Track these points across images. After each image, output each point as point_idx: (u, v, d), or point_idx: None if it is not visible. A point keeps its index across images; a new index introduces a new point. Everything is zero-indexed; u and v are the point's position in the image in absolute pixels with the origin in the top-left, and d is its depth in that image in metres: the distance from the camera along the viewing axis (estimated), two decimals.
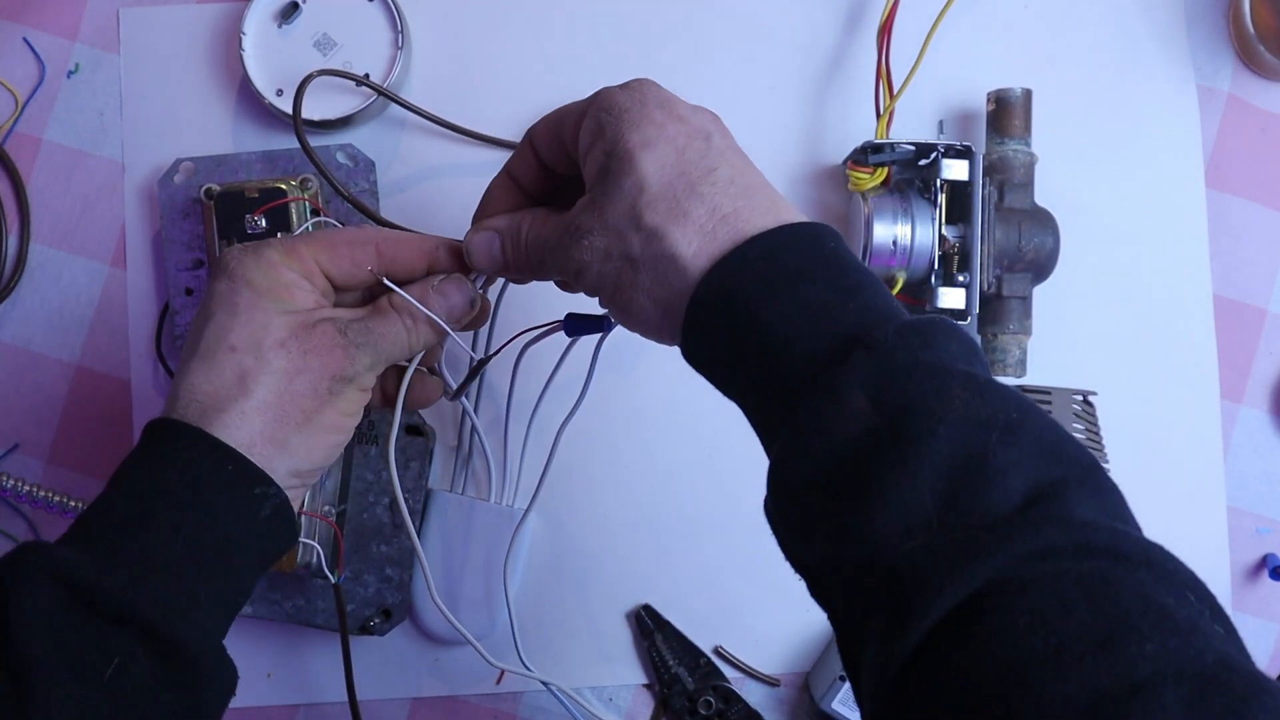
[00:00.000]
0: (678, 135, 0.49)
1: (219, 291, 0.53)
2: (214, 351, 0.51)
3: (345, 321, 0.53)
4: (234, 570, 0.51)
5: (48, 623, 0.45)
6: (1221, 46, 0.77)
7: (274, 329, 0.52)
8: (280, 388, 0.51)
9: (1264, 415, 0.76)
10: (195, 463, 0.50)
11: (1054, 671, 0.36)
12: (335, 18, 0.73)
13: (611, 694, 0.75)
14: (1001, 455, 0.40)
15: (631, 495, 0.75)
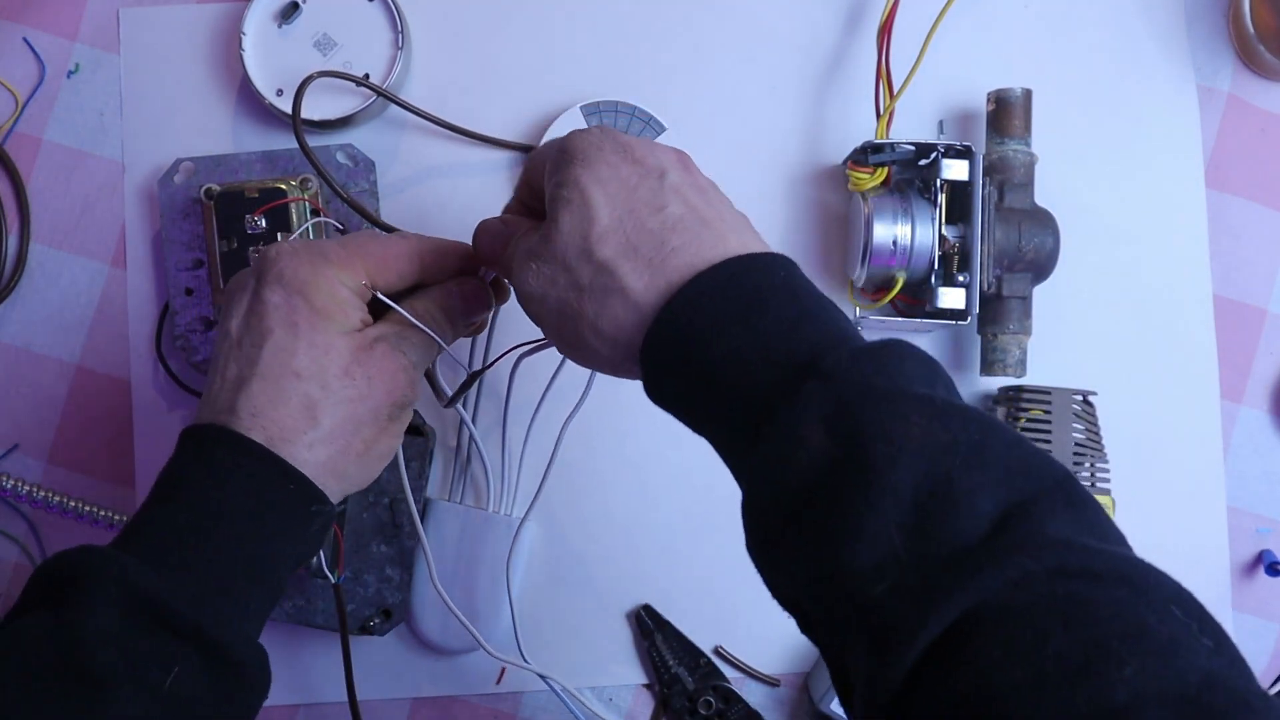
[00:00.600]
0: (630, 175, 0.49)
1: (274, 305, 0.52)
2: (278, 376, 0.51)
3: (395, 339, 0.54)
4: (278, 578, 0.52)
5: (118, 633, 0.46)
6: (1221, 46, 0.77)
7: (337, 355, 0.52)
8: (345, 417, 0.52)
9: (1264, 415, 0.76)
10: (260, 482, 0.51)
11: (1034, 702, 0.35)
12: (335, 18, 0.73)
13: (611, 694, 0.75)
14: (966, 479, 0.39)
15: (631, 495, 0.75)
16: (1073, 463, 0.70)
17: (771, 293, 0.46)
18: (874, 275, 0.70)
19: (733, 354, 0.45)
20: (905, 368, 0.43)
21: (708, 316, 0.45)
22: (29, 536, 0.74)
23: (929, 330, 0.74)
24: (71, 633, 0.46)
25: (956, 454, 0.40)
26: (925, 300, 0.70)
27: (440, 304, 0.56)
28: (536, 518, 0.74)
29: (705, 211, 0.49)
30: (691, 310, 0.46)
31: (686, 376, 0.46)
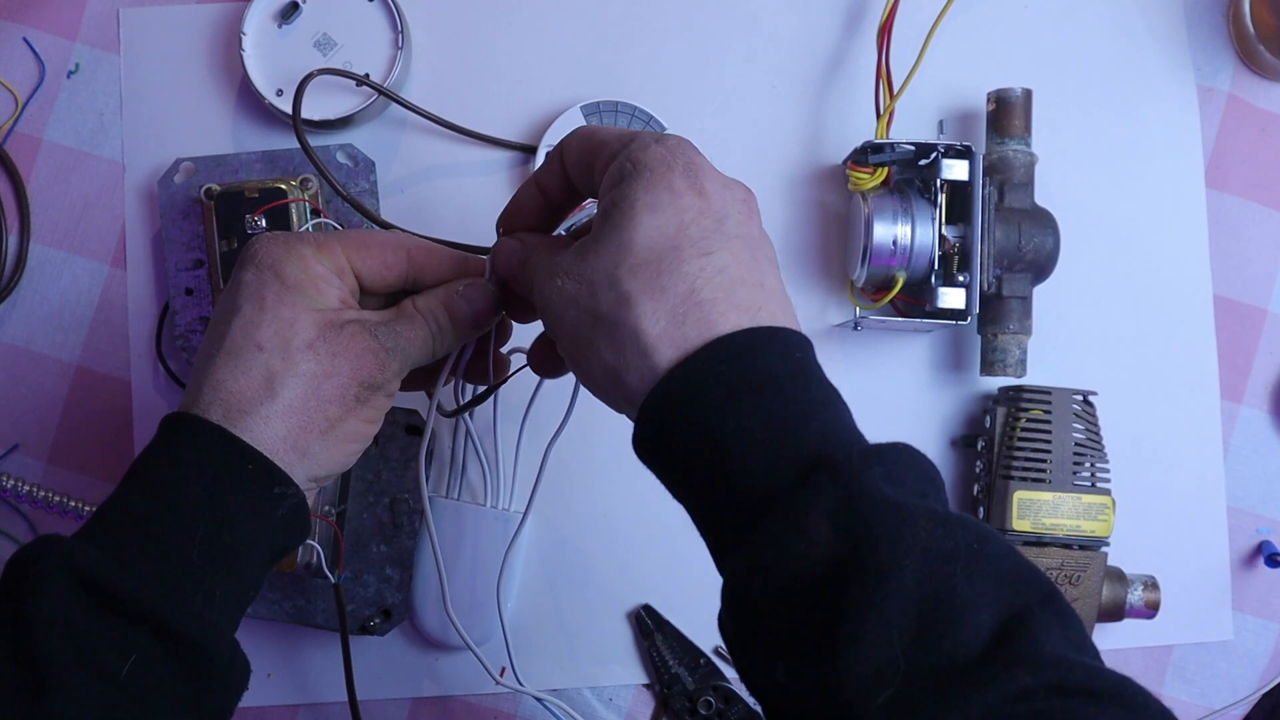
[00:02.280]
0: (689, 208, 0.46)
1: (246, 282, 0.52)
2: (241, 349, 0.50)
3: (374, 324, 0.52)
4: (248, 567, 0.50)
5: (66, 619, 0.45)
6: (1221, 46, 0.77)
7: (302, 328, 0.51)
8: (307, 392, 0.50)
9: (1264, 415, 0.76)
10: (216, 462, 0.49)
11: None
12: (335, 18, 0.73)
13: (611, 694, 0.75)
14: (966, 589, 0.39)
15: (631, 495, 0.75)
16: (1073, 462, 0.70)
17: (788, 377, 0.44)
18: (874, 275, 0.70)
19: (741, 431, 0.43)
20: (910, 475, 0.43)
21: (724, 388, 0.43)
22: (29, 536, 0.74)
23: (929, 330, 0.74)
24: (17, 621, 0.44)
25: (957, 562, 0.39)
26: (925, 300, 0.70)
27: (443, 301, 0.54)
28: (536, 518, 0.74)
29: (746, 272, 0.46)
30: (704, 377, 0.44)
31: (685, 445, 0.45)
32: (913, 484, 0.43)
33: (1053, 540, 0.69)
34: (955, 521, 0.41)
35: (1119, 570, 0.71)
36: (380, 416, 0.54)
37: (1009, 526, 0.69)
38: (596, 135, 0.51)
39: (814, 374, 0.45)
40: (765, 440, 0.43)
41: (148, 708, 0.46)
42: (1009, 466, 0.70)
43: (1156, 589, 0.71)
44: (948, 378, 0.75)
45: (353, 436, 0.53)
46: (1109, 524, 0.70)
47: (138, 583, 0.46)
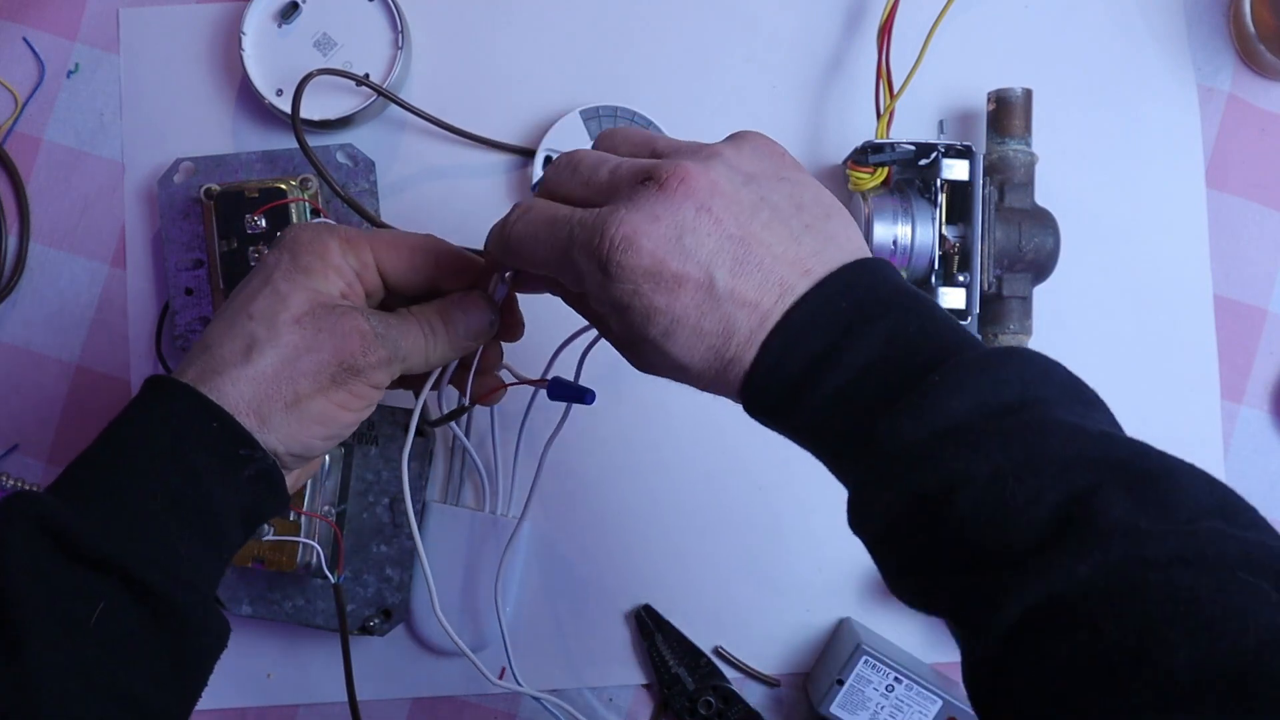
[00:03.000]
0: (750, 196, 0.47)
1: (266, 261, 0.53)
2: (234, 316, 0.51)
3: (369, 314, 0.52)
4: (217, 528, 0.50)
5: (32, 568, 0.45)
6: (1221, 46, 0.77)
7: (294, 303, 0.51)
8: (281, 362, 0.50)
9: (1264, 415, 0.76)
10: (178, 417, 0.49)
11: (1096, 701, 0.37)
12: (335, 18, 0.73)
13: (611, 694, 0.75)
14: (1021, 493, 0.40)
15: (631, 495, 0.75)
16: None
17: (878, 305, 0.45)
18: None
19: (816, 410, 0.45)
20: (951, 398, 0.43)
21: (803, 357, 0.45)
22: None
23: None
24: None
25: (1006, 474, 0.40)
26: None
27: (438, 309, 0.54)
28: (536, 518, 0.74)
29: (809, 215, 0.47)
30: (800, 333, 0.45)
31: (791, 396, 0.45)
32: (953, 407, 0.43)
33: None
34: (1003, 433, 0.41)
35: None
36: (358, 405, 0.53)
37: None
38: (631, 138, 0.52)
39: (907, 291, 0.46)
40: (835, 423, 0.45)
41: (117, 656, 0.46)
42: None
43: None
44: None
45: (319, 418, 0.52)
46: None
47: (99, 531, 0.46)
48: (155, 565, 0.47)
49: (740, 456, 0.75)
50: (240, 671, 0.74)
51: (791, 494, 0.75)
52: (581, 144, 0.73)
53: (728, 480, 0.75)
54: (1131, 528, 0.39)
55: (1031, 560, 0.39)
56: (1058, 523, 0.40)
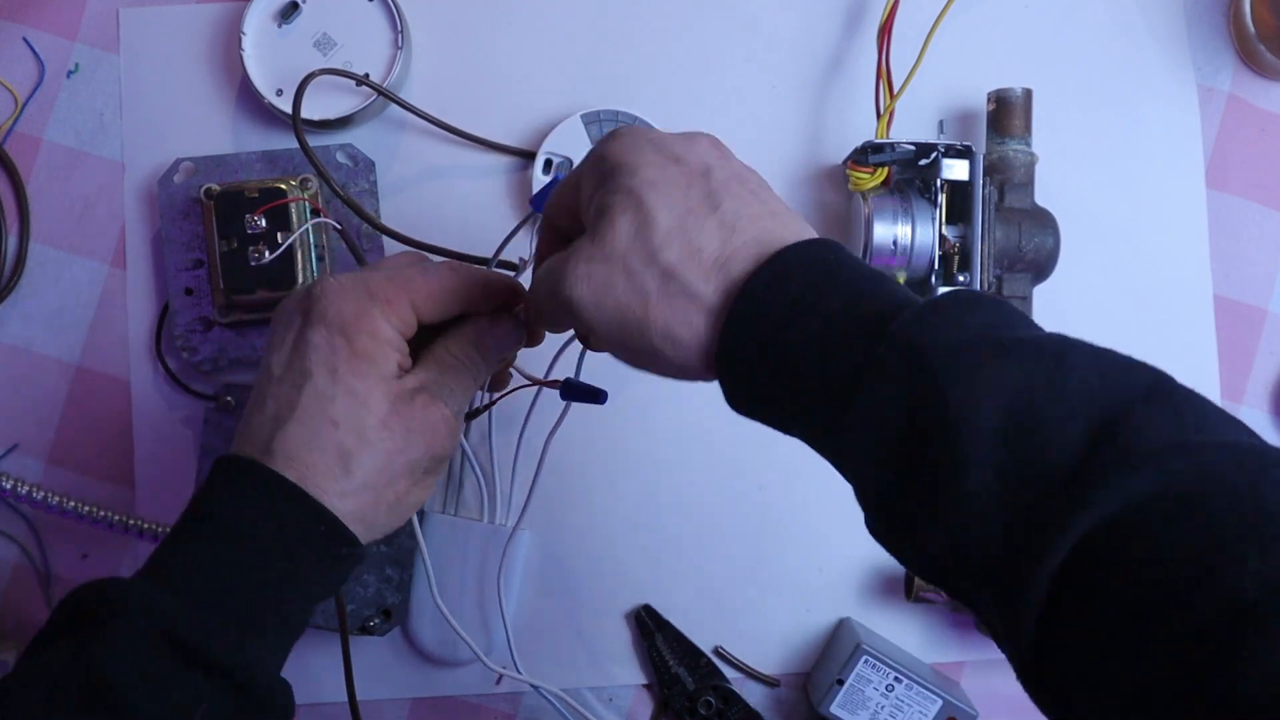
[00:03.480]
0: (678, 175, 0.48)
1: (316, 345, 0.51)
2: (315, 422, 0.51)
3: (437, 387, 0.53)
4: (303, 614, 0.52)
5: (146, 670, 0.46)
6: (1221, 46, 0.77)
7: (376, 405, 0.51)
8: (380, 468, 0.51)
9: (1264, 415, 0.76)
10: (292, 523, 0.50)
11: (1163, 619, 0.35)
12: (335, 18, 0.73)
13: (611, 694, 0.75)
14: (1051, 408, 0.39)
15: (631, 496, 0.75)
16: None
17: (827, 278, 0.45)
18: None
19: (806, 342, 0.44)
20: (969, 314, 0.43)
21: (775, 311, 0.45)
22: (29, 536, 0.74)
23: None
24: (98, 668, 0.45)
25: (1035, 386, 0.40)
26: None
27: (474, 342, 0.55)
28: (536, 519, 0.74)
29: (756, 207, 0.48)
30: (758, 307, 0.45)
31: (764, 374, 0.46)
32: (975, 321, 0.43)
33: None
34: (1029, 345, 0.41)
35: None
36: (437, 481, 0.55)
37: None
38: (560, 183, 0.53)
39: (852, 266, 0.46)
40: (832, 337, 0.44)
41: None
42: None
43: None
44: None
45: (414, 505, 0.54)
46: None
47: (214, 636, 0.47)
48: (260, 665, 0.48)
49: (740, 456, 0.75)
50: None
51: (791, 494, 0.75)
52: (582, 148, 0.73)
53: (728, 480, 0.75)
54: (1181, 441, 0.38)
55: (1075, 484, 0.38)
56: (1094, 442, 0.38)
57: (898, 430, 0.42)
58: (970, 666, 0.75)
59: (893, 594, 0.75)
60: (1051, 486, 0.38)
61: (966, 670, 0.75)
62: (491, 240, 0.73)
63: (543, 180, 0.74)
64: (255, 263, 0.69)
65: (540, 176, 0.74)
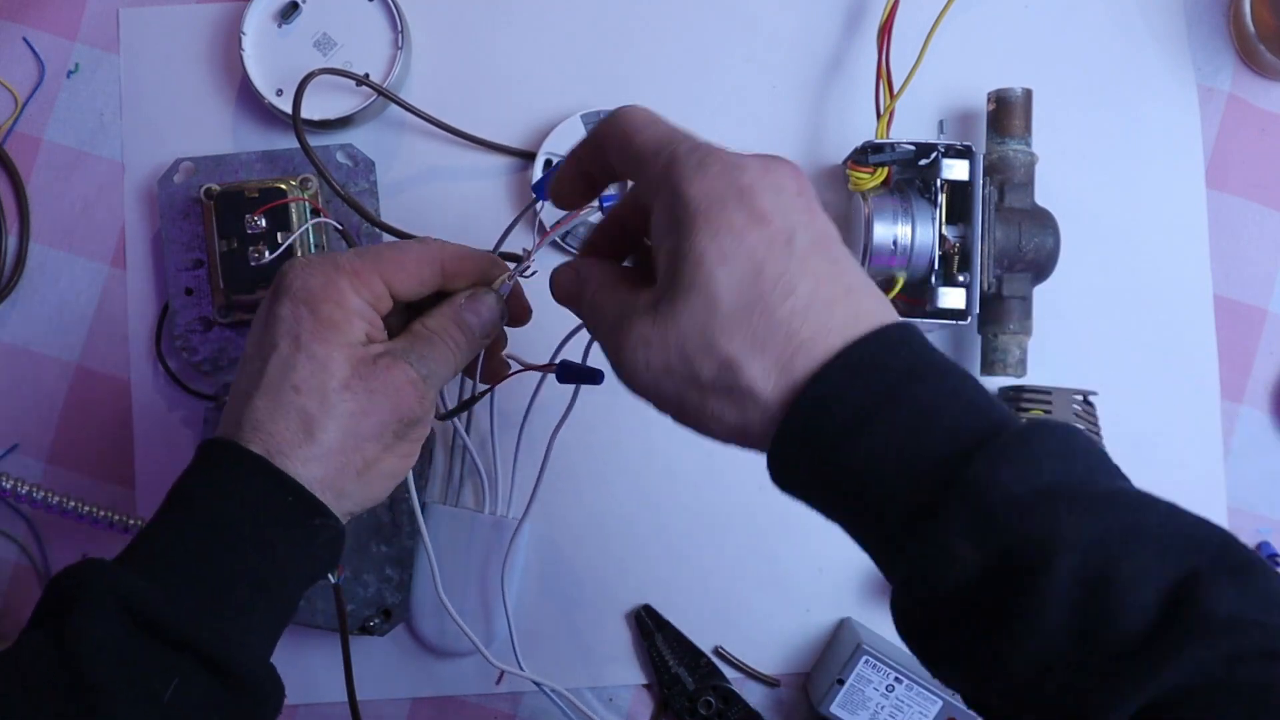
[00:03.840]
0: (758, 245, 0.44)
1: (282, 318, 0.51)
2: (278, 389, 0.50)
3: (404, 351, 0.52)
4: (285, 594, 0.52)
5: (115, 648, 0.46)
6: (1221, 46, 0.77)
7: (337, 369, 0.50)
8: (345, 431, 0.50)
9: (1264, 415, 0.76)
10: (258, 495, 0.50)
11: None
12: (335, 18, 0.73)
13: (611, 694, 0.75)
14: (1124, 568, 0.38)
15: (631, 496, 0.75)
16: None
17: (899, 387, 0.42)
18: (874, 275, 0.70)
19: (869, 459, 0.42)
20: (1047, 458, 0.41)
21: (838, 421, 0.43)
22: (29, 536, 0.74)
23: (929, 330, 0.74)
24: (68, 646, 0.45)
25: (1110, 545, 0.38)
26: (926, 300, 0.70)
27: (450, 316, 0.54)
28: (536, 519, 0.74)
29: (830, 286, 0.45)
30: (820, 413, 0.43)
31: (819, 479, 0.44)
32: (1051, 467, 0.41)
33: None
34: (1103, 500, 0.40)
35: None
36: (416, 451, 0.54)
37: None
38: (633, 142, 0.49)
39: (924, 362, 0.44)
40: (893, 464, 0.42)
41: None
42: None
43: None
44: None
45: (388, 474, 0.53)
46: None
47: (182, 612, 0.47)
48: (231, 643, 0.48)
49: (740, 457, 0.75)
50: None
51: None
52: None
53: (728, 480, 0.75)
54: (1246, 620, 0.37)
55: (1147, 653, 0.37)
56: (1167, 606, 0.38)
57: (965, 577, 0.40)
58: None
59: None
60: (1122, 652, 0.38)
61: None
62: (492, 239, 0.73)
63: None
64: (255, 263, 0.69)
65: (540, 175, 0.74)
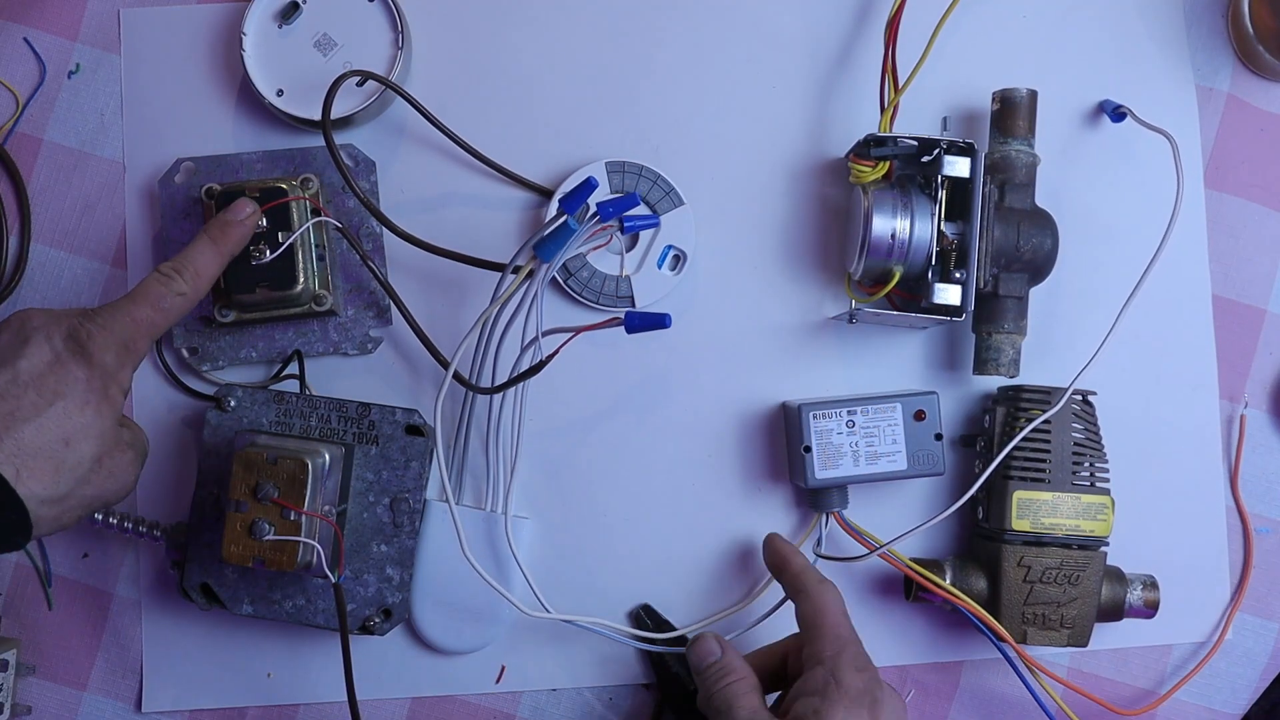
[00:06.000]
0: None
1: (77, 378, 0.59)
2: (51, 434, 0.58)
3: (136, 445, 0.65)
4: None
5: None
6: (1221, 46, 0.77)
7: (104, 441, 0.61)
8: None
9: (1263, 415, 0.76)
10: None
11: None
12: (335, 18, 0.73)
13: (611, 694, 0.75)
14: None
15: (631, 495, 0.75)
16: (1072, 462, 0.70)
17: None
18: (871, 268, 0.70)
19: None
20: None
21: None
22: None
23: (924, 327, 0.74)
24: None
25: None
26: (921, 295, 0.70)
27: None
28: (536, 519, 0.74)
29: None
30: None
31: None
32: None
33: (1052, 540, 0.69)
34: None
35: (1118, 570, 0.71)
36: None
37: (1008, 526, 0.69)
38: (821, 625, 0.63)
39: None
40: None
41: None
42: (1008, 467, 0.70)
43: (1155, 588, 0.71)
44: (941, 376, 0.75)
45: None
46: (1108, 523, 0.70)
47: None
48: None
49: (741, 456, 0.75)
50: (240, 671, 0.74)
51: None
52: (600, 192, 0.73)
53: (728, 479, 0.75)
54: None
55: None
56: None
57: None
58: (969, 666, 0.75)
59: (893, 594, 0.75)
60: None
61: (966, 670, 0.75)
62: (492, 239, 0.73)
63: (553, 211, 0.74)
64: (256, 262, 0.69)
65: (554, 211, 0.72)
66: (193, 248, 0.65)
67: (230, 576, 0.71)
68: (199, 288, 0.65)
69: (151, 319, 0.62)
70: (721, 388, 0.75)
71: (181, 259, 0.65)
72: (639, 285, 0.74)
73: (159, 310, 0.63)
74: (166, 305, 0.63)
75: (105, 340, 0.60)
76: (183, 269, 0.64)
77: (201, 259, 0.65)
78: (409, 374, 0.75)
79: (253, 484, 0.64)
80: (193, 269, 0.64)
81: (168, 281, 0.63)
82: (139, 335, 0.62)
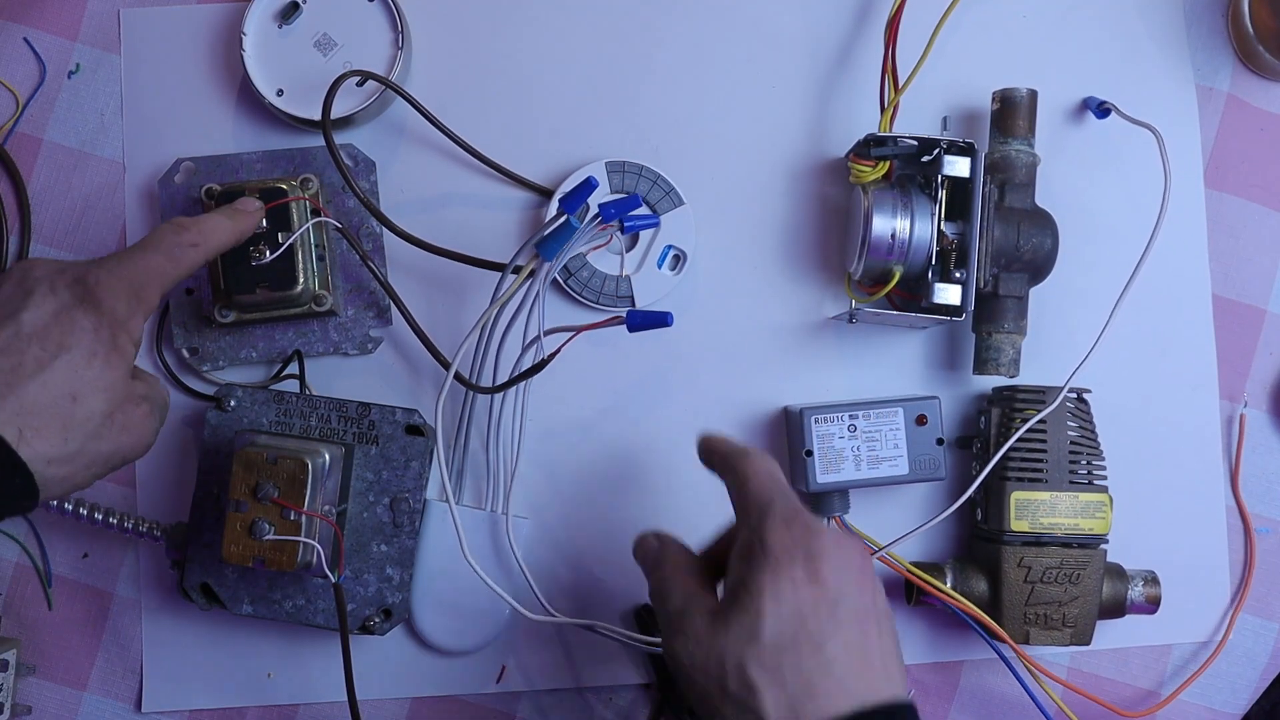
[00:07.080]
0: (807, 599, 0.51)
1: (83, 327, 0.56)
2: (57, 389, 0.56)
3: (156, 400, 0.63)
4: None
5: None
6: (1221, 46, 0.77)
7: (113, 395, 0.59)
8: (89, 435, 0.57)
9: (1263, 415, 0.76)
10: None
11: None
12: (335, 18, 0.73)
13: (611, 694, 0.75)
14: None
15: (631, 495, 0.75)
16: (1069, 461, 0.70)
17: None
18: (871, 268, 0.70)
19: None
20: None
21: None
22: (29, 536, 0.74)
23: (923, 327, 0.74)
24: None
25: None
26: (921, 295, 0.70)
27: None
28: (536, 519, 0.74)
29: (856, 655, 0.51)
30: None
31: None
32: None
33: (1051, 539, 0.69)
34: None
35: (1119, 567, 0.72)
36: None
37: (1007, 528, 0.69)
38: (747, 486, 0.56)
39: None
40: None
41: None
42: (1005, 468, 0.70)
43: (1157, 584, 0.71)
44: (941, 376, 0.75)
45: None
46: (1107, 521, 0.70)
47: None
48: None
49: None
50: (240, 671, 0.74)
51: None
52: (600, 192, 0.73)
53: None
54: None
55: None
56: None
57: None
58: (970, 666, 0.75)
59: (893, 597, 0.75)
60: None
61: (966, 670, 0.75)
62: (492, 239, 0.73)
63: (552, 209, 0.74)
64: (256, 262, 0.69)
65: (554, 212, 0.72)
66: (205, 215, 0.63)
67: (230, 576, 0.71)
68: (210, 246, 0.62)
69: (163, 266, 0.59)
70: (721, 388, 0.75)
71: (193, 219, 0.62)
72: (639, 285, 0.74)
73: (171, 259, 0.60)
74: (179, 254, 0.60)
75: (114, 286, 0.57)
76: (195, 224, 0.62)
77: (212, 222, 0.63)
78: (409, 374, 0.75)
79: (253, 484, 0.64)
80: (205, 227, 0.62)
81: (180, 230, 0.61)
82: (150, 282, 0.58)
